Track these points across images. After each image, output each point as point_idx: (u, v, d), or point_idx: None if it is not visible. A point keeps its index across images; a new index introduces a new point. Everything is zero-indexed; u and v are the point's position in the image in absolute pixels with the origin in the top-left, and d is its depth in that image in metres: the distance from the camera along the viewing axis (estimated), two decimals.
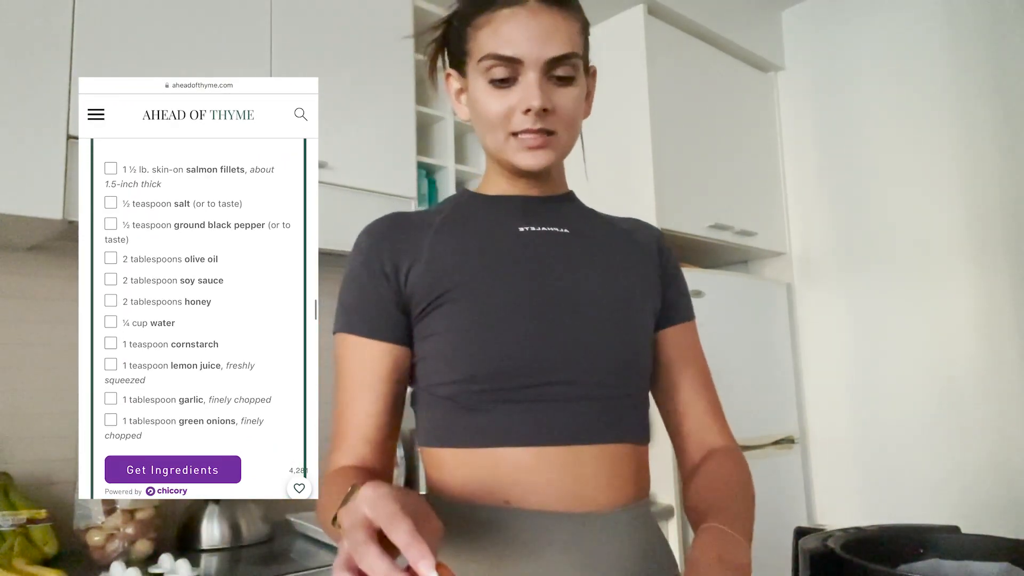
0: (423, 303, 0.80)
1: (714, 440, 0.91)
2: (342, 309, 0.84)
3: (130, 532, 1.51)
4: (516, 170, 0.85)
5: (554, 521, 0.75)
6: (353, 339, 0.82)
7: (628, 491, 0.80)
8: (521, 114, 0.80)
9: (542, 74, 0.80)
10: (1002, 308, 2.26)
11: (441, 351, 0.80)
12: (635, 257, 0.91)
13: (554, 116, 0.81)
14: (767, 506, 2.39)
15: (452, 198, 0.93)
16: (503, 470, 0.77)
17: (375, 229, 0.86)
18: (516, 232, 0.85)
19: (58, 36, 1.45)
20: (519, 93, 0.80)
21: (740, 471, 0.86)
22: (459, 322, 0.79)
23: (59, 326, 1.72)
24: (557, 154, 0.84)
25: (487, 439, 0.78)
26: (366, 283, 0.83)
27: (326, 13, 1.88)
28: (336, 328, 0.84)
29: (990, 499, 2.23)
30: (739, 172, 2.61)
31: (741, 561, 0.67)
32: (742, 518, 0.75)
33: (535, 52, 0.79)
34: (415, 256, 0.82)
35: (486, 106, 0.82)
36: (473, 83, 0.84)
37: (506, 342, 0.78)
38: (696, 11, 2.49)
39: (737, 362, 2.41)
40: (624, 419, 0.82)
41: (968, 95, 2.37)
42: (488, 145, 0.86)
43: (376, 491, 0.55)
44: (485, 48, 0.81)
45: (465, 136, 2.44)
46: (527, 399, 0.78)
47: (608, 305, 0.84)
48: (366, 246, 0.85)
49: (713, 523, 0.72)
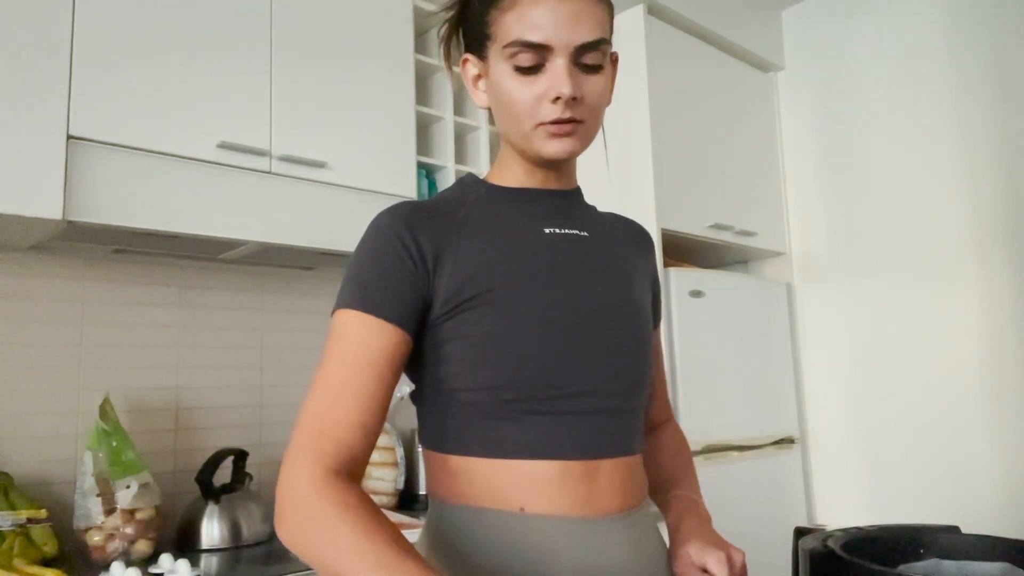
0: (451, 303, 0.76)
1: (662, 415, 1.03)
2: (356, 285, 0.76)
3: (130, 532, 1.51)
4: (539, 160, 0.83)
5: (567, 525, 0.76)
6: (367, 318, 0.74)
7: (634, 496, 0.82)
8: (549, 103, 0.77)
9: (571, 61, 0.76)
10: (1002, 308, 2.26)
11: (468, 356, 0.76)
12: (639, 264, 0.93)
13: (582, 105, 0.78)
14: (767, 506, 2.41)
15: (463, 186, 0.88)
16: (522, 480, 0.76)
17: (400, 212, 0.80)
18: (542, 234, 0.83)
19: (58, 36, 1.45)
20: (547, 80, 0.76)
21: (683, 440, 1.02)
22: (489, 328, 0.76)
23: (59, 326, 1.72)
24: (583, 143, 0.81)
25: (510, 450, 0.76)
26: (391, 264, 0.76)
27: (326, 13, 1.88)
28: (344, 303, 0.76)
29: (990, 499, 2.23)
30: (739, 172, 2.61)
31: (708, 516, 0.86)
32: (695, 481, 0.94)
33: (564, 38, 0.75)
34: (444, 251, 0.78)
35: (512, 94, 0.78)
36: (495, 69, 0.80)
37: (536, 353, 0.76)
38: (696, 11, 2.49)
39: (737, 362, 2.41)
40: (634, 430, 0.84)
41: (968, 95, 2.37)
42: (511, 134, 0.82)
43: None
44: (511, 34, 0.76)
45: (465, 136, 2.44)
46: (552, 411, 0.76)
47: (626, 317, 0.84)
48: (392, 227, 0.78)
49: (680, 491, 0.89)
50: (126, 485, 1.53)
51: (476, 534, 0.76)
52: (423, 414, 0.83)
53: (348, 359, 0.72)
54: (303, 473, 0.67)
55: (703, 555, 0.75)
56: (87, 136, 1.46)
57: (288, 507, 0.66)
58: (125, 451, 1.58)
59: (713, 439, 2.24)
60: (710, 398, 2.28)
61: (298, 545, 0.65)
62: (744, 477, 2.34)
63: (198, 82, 1.62)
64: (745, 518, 2.28)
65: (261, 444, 2.00)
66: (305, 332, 2.14)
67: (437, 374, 0.79)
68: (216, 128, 1.63)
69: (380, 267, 0.76)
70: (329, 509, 0.64)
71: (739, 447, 2.34)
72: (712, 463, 2.21)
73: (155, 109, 1.56)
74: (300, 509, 0.65)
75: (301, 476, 0.67)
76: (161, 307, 1.89)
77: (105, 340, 1.79)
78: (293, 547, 0.66)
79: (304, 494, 0.66)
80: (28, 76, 1.41)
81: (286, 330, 2.10)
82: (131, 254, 1.82)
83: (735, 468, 2.31)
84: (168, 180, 1.56)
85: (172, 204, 1.56)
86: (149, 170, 1.54)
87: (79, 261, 1.77)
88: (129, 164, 1.51)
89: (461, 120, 2.29)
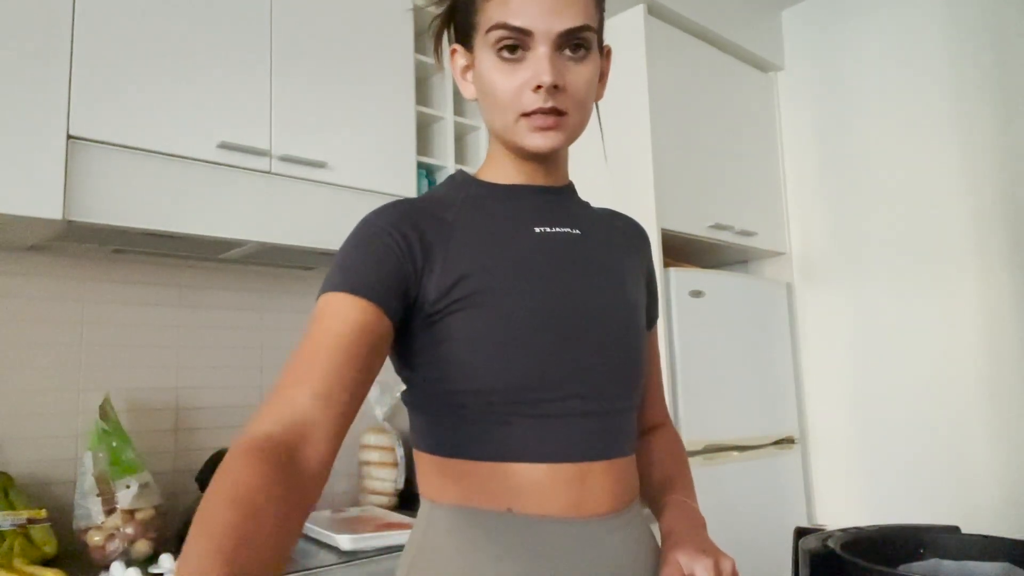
0: (439, 305, 0.75)
1: (657, 417, 1.00)
2: (341, 269, 0.74)
3: (130, 532, 1.51)
4: (524, 153, 0.82)
5: (556, 526, 0.76)
6: (343, 296, 0.71)
7: (625, 497, 0.82)
8: (531, 92, 0.76)
9: (554, 48, 0.76)
10: (1003, 308, 2.26)
11: (456, 358, 0.75)
12: (633, 263, 0.92)
13: (565, 95, 0.77)
14: (767, 506, 2.41)
15: (454, 184, 0.87)
16: (512, 482, 0.75)
17: (390, 210, 0.79)
18: (532, 233, 0.82)
19: (58, 36, 1.45)
20: (529, 68, 0.76)
21: (678, 444, 0.98)
22: (478, 331, 0.75)
23: (59, 326, 1.72)
24: (567, 136, 0.80)
25: (499, 453, 0.76)
26: (376, 250, 0.74)
27: (326, 13, 1.88)
28: (328, 287, 0.73)
29: (990, 499, 2.23)
30: (739, 172, 2.61)
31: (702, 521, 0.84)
32: (690, 485, 0.91)
33: (547, 23, 0.74)
34: (433, 251, 0.77)
35: (493, 83, 0.77)
36: (480, 58, 0.79)
37: (524, 356, 0.75)
38: (696, 11, 2.49)
39: (737, 362, 2.41)
40: (626, 432, 0.83)
41: (968, 94, 2.37)
42: (495, 125, 0.81)
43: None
44: (493, 18, 0.76)
45: (465, 136, 2.44)
46: (542, 414, 0.76)
47: (618, 318, 0.84)
48: (381, 222, 0.77)
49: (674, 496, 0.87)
50: (126, 485, 1.53)
51: (464, 534, 0.76)
52: (414, 416, 0.83)
53: (317, 336, 0.69)
54: (244, 435, 0.63)
55: (691, 563, 0.74)
56: (87, 136, 1.46)
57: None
58: (125, 451, 1.58)
59: (713, 439, 2.24)
60: (710, 398, 2.28)
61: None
62: (744, 477, 2.34)
63: (198, 82, 1.63)
64: (745, 518, 2.28)
65: None
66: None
67: (426, 376, 0.78)
68: (216, 128, 1.63)
69: (364, 253, 0.75)
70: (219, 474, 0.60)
71: (739, 447, 2.34)
72: (712, 463, 2.21)
73: (155, 109, 1.56)
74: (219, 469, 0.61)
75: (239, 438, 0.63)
76: (161, 307, 1.89)
77: (105, 340, 1.79)
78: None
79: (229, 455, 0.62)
80: (28, 76, 1.41)
81: (286, 330, 2.10)
82: (131, 254, 1.82)
83: (735, 468, 2.31)
84: (168, 180, 1.56)
85: (172, 204, 1.56)
86: (149, 170, 1.54)
87: (79, 261, 1.77)
88: (129, 164, 1.51)
89: (461, 120, 2.29)
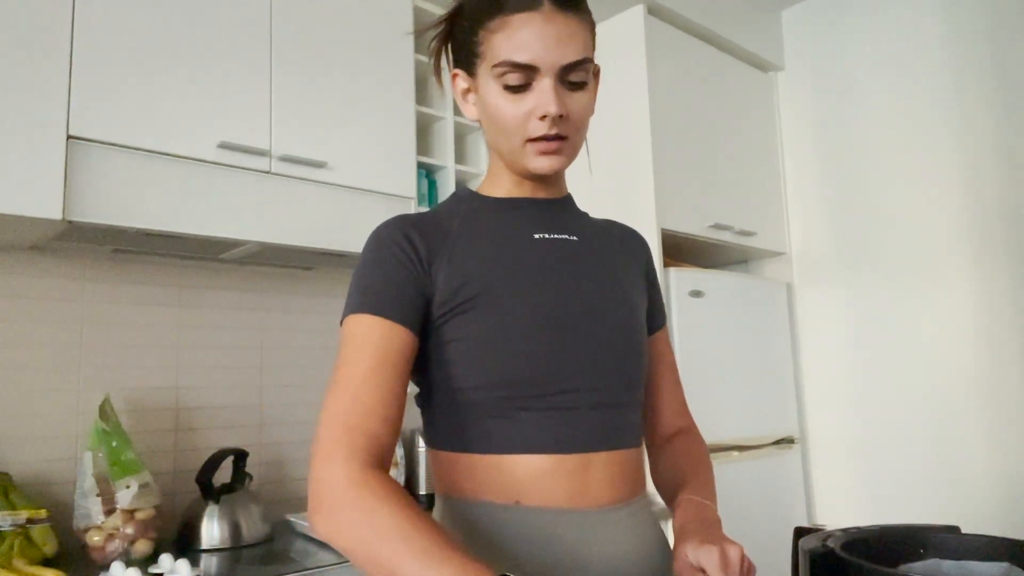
0: (445, 307, 0.81)
1: (681, 422, 1.04)
2: (362, 291, 0.80)
3: (130, 532, 1.51)
4: (528, 174, 0.87)
5: (561, 517, 0.79)
6: (377, 319, 0.78)
7: (629, 489, 0.85)
8: (537, 120, 0.81)
9: (557, 80, 0.81)
10: (1002, 308, 2.26)
11: (463, 357, 0.81)
12: (632, 267, 0.97)
13: (568, 121, 0.83)
14: (767, 506, 2.41)
15: (457, 199, 0.93)
16: (519, 474, 0.80)
17: (396, 223, 0.85)
18: (532, 239, 0.87)
19: (58, 36, 1.45)
20: (534, 99, 0.81)
21: (698, 445, 1.01)
22: (482, 330, 0.80)
23: (59, 326, 1.72)
24: (569, 158, 0.86)
25: (506, 446, 0.80)
26: (393, 269, 0.81)
27: (326, 13, 1.88)
28: (353, 309, 0.79)
29: (990, 499, 2.23)
30: (739, 172, 2.61)
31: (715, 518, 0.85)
32: (709, 485, 0.93)
33: (551, 59, 0.79)
34: (438, 257, 0.83)
35: (501, 111, 0.83)
36: (485, 86, 0.84)
37: (528, 351, 0.80)
38: (696, 11, 2.49)
39: (737, 362, 2.41)
40: (629, 424, 0.87)
41: (968, 95, 2.37)
42: (501, 148, 0.87)
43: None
44: (500, 54, 0.80)
45: (465, 136, 2.44)
46: (545, 407, 0.81)
47: (617, 316, 0.88)
48: (390, 236, 0.83)
49: (688, 495, 0.88)
50: (126, 485, 1.54)
51: (475, 526, 0.80)
52: (427, 416, 0.88)
53: (364, 358, 0.75)
54: (340, 467, 0.68)
55: (698, 553, 0.76)
56: (87, 136, 1.46)
57: (327, 500, 0.67)
58: (125, 451, 1.58)
59: (713, 439, 2.23)
60: (710, 398, 2.28)
61: (340, 536, 0.66)
62: (744, 477, 2.34)
63: (198, 82, 1.63)
64: (745, 518, 2.28)
65: (261, 444, 2.00)
66: (305, 332, 2.14)
67: (437, 376, 0.83)
68: (216, 128, 1.63)
69: (383, 272, 0.81)
70: (371, 500, 0.66)
71: (739, 447, 2.34)
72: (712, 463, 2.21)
73: (155, 109, 1.56)
74: (341, 501, 0.67)
75: (338, 470, 0.68)
76: (161, 307, 1.89)
77: (105, 340, 1.79)
78: (334, 538, 0.67)
79: (344, 487, 0.67)
80: (28, 76, 1.41)
81: (286, 330, 2.10)
82: (131, 254, 1.82)
83: (735, 468, 2.31)
84: (168, 180, 1.56)
85: (172, 204, 1.56)
86: (149, 170, 1.54)
87: (79, 261, 1.77)
88: (129, 164, 1.51)
89: (461, 120, 2.29)
